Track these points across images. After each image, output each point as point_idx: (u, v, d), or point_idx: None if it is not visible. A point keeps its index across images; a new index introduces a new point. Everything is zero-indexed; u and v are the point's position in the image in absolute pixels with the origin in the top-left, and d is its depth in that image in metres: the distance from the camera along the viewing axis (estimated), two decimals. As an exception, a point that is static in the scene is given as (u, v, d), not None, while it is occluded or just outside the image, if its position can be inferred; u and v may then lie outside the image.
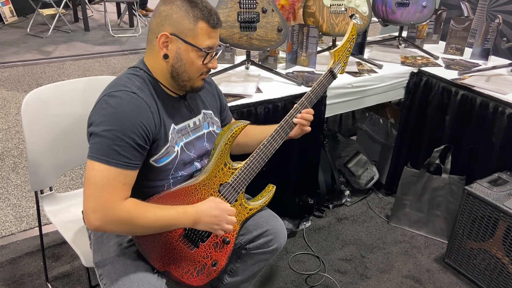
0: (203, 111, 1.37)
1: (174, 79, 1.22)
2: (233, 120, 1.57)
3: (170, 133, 1.22)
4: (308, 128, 1.49)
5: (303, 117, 1.46)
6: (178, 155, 1.25)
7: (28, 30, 5.44)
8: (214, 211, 1.24)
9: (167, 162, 1.22)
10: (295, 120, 1.45)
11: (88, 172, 1.10)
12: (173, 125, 1.24)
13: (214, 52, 1.23)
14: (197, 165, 1.33)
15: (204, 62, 1.21)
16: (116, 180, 1.10)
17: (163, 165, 1.22)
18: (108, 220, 1.09)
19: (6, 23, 5.78)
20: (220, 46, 1.29)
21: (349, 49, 1.61)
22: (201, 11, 1.17)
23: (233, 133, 1.31)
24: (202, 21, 1.17)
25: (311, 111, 1.49)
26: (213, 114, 1.40)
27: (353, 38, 1.59)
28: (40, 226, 1.72)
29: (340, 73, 1.61)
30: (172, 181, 1.27)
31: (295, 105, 1.47)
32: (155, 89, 1.21)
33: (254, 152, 1.36)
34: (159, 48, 1.18)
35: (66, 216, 1.63)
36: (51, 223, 1.61)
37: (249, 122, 1.36)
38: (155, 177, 1.23)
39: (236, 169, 1.34)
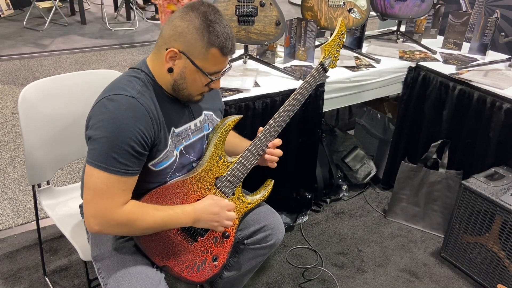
0: (204, 112, 1.35)
1: (174, 90, 1.20)
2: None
3: (169, 137, 1.21)
4: (274, 164, 1.42)
5: (271, 153, 1.40)
6: (177, 159, 1.25)
7: (24, 23, 5.40)
8: (213, 209, 1.24)
9: (165, 166, 1.22)
10: (266, 156, 1.39)
11: (88, 178, 1.09)
12: (173, 128, 1.23)
13: (220, 75, 1.21)
14: (195, 166, 1.33)
15: (207, 85, 1.20)
16: (116, 187, 1.10)
17: (161, 169, 1.22)
18: (108, 224, 1.11)
19: (2, 16, 5.74)
20: (229, 65, 1.25)
21: (339, 43, 1.68)
22: (217, 37, 1.12)
23: (226, 126, 1.32)
24: (215, 48, 1.13)
25: (278, 142, 1.42)
26: (213, 115, 1.39)
27: (342, 33, 1.67)
28: (37, 220, 1.72)
29: (332, 67, 1.66)
30: (169, 181, 1.26)
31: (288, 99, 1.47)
32: (156, 92, 1.18)
33: (249, 145, 1.37)
34: (165, 61, 1.15)
35: (64, 210, 1.63)
36: (48, 217, 1.61)
37: (242, 116, 1.37)
38: (153, 180, 1.23)
39: (231, 162, 1.34)
